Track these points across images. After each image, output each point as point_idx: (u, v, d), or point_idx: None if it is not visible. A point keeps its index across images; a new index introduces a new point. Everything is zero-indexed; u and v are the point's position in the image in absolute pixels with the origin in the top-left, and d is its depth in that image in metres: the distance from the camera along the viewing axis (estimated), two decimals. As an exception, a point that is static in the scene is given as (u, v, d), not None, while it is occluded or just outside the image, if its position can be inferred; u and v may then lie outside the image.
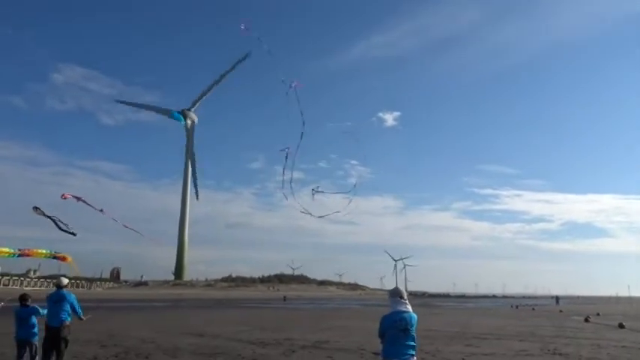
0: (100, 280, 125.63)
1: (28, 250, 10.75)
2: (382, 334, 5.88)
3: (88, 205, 11.38)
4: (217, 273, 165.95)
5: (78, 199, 10.59)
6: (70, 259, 12.18)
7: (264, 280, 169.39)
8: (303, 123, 12.23)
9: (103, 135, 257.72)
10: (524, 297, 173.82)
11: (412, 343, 5.77)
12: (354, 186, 13.05)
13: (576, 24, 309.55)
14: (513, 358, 12.74)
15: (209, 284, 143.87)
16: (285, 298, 79.67)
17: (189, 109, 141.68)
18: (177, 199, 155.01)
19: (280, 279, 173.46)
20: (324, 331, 19.77)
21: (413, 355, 5.74)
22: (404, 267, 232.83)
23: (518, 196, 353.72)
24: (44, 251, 11.16)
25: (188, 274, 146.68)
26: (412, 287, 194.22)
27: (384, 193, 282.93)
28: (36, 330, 9.08)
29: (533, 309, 52.91)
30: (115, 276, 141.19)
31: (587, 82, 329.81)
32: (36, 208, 10.97)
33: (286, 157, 11.61)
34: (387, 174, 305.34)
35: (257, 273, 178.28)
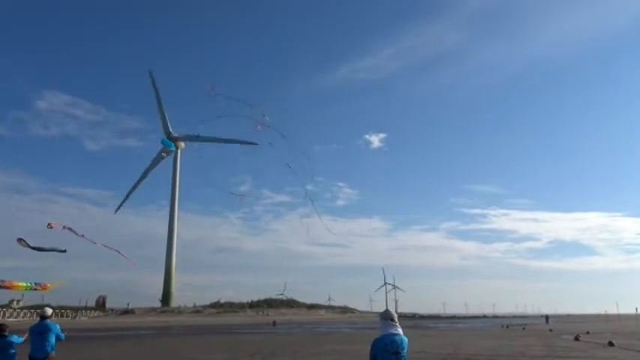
0: (86, 308, 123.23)
1: (9, 282, 10.66)
2: (374, 358, 5.86)
3: (74, 232, 11.32)
4: (205, 299, 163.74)
5: (64, 227, 10.57)
6: (50, 285, 12.03)
7: (253, 305, 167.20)
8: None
9: (87, 161, 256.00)
10: (514, 316, 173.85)
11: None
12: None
13: (560, 42, 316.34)
14: (504, 380, 12.68)
15: (197, 310, 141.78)
16: (274, 323, 78.62)
17: (169, 132, 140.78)
18: (163, 225, 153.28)
19: (269, 304, 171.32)
20: (314, 356, 19.54)
21: (406, 380, 5.72)
22: (393, 288, 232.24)
23: (505, 215, 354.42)
24: (24, 284, 11.05)
25: (176, 301, 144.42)
26: (403, 309, 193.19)
27: (373, 214, 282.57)
28: None
29: (524, 328, 52.84)
30: (101, 304, 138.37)
31: (571, 101, 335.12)
32: (20, 240, 10.88)
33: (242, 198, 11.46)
34: (375, 196, 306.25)
35: (246, 298, 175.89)
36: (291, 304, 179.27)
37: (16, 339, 8.94)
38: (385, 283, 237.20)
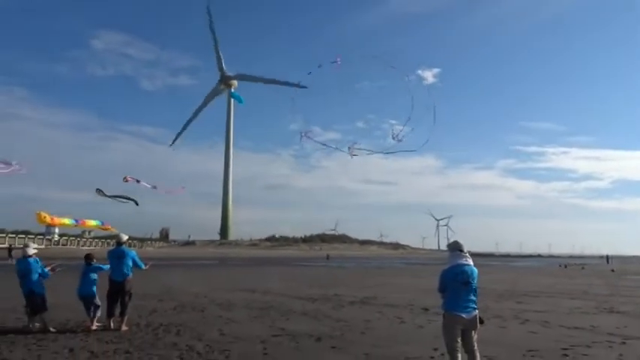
0: (151, 239, 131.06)
1: (83, 221, 11.84)
2: (443, 288, 5.79)
3: (145, 184, 12.23)
4: (261, 233, 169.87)
5: (138, 181, 11.42)
6: (112, 228, 13.51)
7: (306, 240, 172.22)
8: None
9: (143, 99, 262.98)
10: (571, 257, 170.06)
11: (474, 297, 5.67)
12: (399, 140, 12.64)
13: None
14: (568, 316, 12.45)
15: (254, 244, 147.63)
16: (328, 257, 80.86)
17: (222, 70, 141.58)
18: (217, 161, 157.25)
19: (322, 239, 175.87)
20: (370, 288, 19.96)
21: (475, 309, 5.65)
22: (446, 226, 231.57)
23: (565, 153, 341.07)
24: (94, 223, 12.34)
25: (233, 234, 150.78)
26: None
27: (424, 152, 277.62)
28: (95, 287, 9.49)
29: (583, 268, 51.70)
30: (164, 236, 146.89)
31: (636, 32, 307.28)
32: (99, 191, 11.82)
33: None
34: (427, 133, 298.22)
35: (299, 233, 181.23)
36: (343, 239, 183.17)
37: (101, 267, 9.64)
38: (437, 220, 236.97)
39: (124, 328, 9.15)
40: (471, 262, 5.83)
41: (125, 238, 9.81)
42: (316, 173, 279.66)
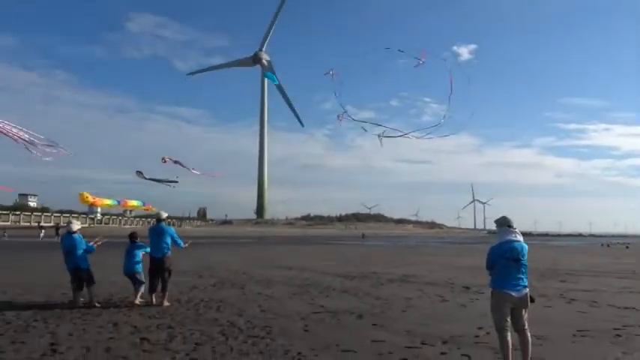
0: (189, 218, 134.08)
1: (124, 201, 12.26)
2: (491, 265, 5.52)
3: (183, 166, 12.45)
4: (296, 212, 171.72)
5: (175, 161, 11.61)
6: (152, 208, 13.86)
7: (341, 219, 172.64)
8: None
9: (178, 80, 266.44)
10: (613, 236, 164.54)
11: (524, 274, 5.38)
12: (442, 120, 12.22)
13: None
14: (616, 295, 11.93)
15: (289, 223, 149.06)
16: (363, 236, 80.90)
17: (260, 50, 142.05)
18: (251, 141, 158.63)
19: (357, 217, 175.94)
20: (408, 266, 19.72)
21: (525, 287, 5.36)
22: (483, 205, 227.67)
23: (607, 130, 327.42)
24: (135, 203, 12.77)
25: (269, 213, 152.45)
26: (491, 226, 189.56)
27: (461, 130, 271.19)
28: (140, 264, 9.66)
29: (627, 247, 49.83)
30: (202, 215, 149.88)
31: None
32: (139, 173, 12.07)
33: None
34: (463, 111, 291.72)
35: (334, 212, 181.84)
36: (378, 218, 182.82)
37: (143, 246, 9.78)
38: (474, 200, 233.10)
39: (166, 303, 9.25)
40: (520, 238, 5.52)
41: (165, 215, 9.87)
42: (351, 152, 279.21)
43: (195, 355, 5.78)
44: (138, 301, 9.50)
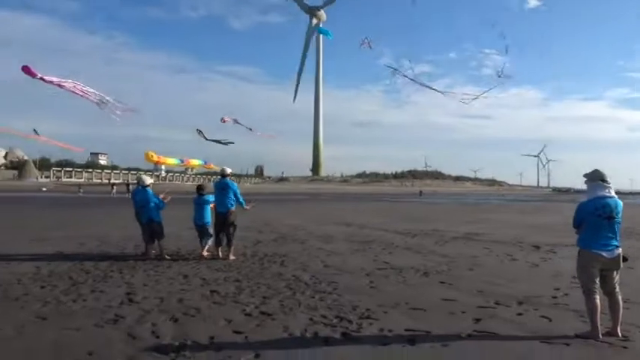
0: (247, 175, 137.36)
1: (187, 160, 12.67)
2: (579, 223, 5.10)
3: (242, 125, 12.57)
4: (351, 170, 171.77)
5: (235, 121, 11.71)
6: (214, 166, 14.32)
7: (397, 176, 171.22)
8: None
9: (234, 39, 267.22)
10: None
11: (616, 233, 4.94)
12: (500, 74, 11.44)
13: None
14: None
15: (345, 180, 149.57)
16: (420, 193, 79.84)
17: (318, 8, 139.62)
18: (306, 98, 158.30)
19: (414, 175, 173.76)
20: (470, 224, 19.20)
21: (617, 247, 4.93)
22: (547, 162, 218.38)
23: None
24: (198, 162, 13.17)
25: (324, 171, 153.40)
26: (555, 183, 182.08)
27: (524, 83, 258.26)
28: (210, 216, 9.85)
29: None
30: (259, 172, 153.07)
31: None
32: (199, 131, 12.27)
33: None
34: (528, 62, 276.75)
35: (389, 169, 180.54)
36: (435, 175, 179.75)
37: (211, 197, 9.94)
38: (537, 156, 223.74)
39: (232, 257, 9.42)
40: (614, 193, 5.05)
41: (229, 171, 9.94)
42: (407, 109, 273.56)
43: (265, 309, 5.81)
44: (205, 254, 9.74)
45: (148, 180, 9.95)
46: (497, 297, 6.60)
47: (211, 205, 9.89)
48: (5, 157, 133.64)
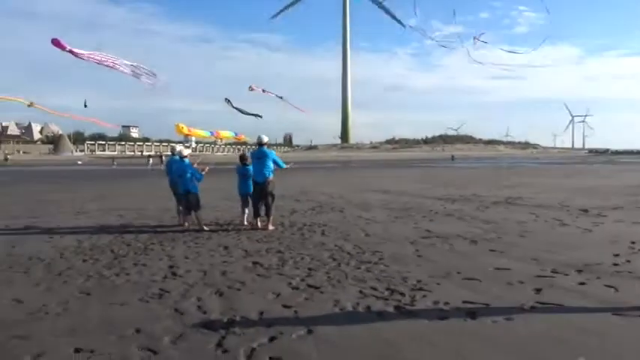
0: (275, 144, 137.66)
1: (217, 132, 12.77)
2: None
3: (270, 94, 12.42)
4: (380, 136, 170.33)
5: (263, 90, 11.72)
6: (244, 138, 15.59)
7: (427, 141, 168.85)
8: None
9: (259, 6, 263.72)
10: None
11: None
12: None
13: None
14: None
15: (374, 146, 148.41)
16: (452, 158, 78.51)
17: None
18: (333, 65, 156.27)
19: (444, 139, 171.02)
20: (509, 188, 18.58)
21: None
22: (583, 122, 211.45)
23: None
24: (228, 134, 13.22)
25: (353, 138, 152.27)
26: (592, 144, 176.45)
27: (558, 40, 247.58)
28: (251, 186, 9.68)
29: None
30: (288, 141, 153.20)
31: None
32: (227, 100, 12.12)
33: None
34: (563, 18, 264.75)
35: (419, 134, 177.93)
36: (466, 139, 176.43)
37: (252, 168, 9.75)
38: (573, 116, 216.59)
39: (271, 227, 9.26)
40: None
41: (266, 139, 9.61)
42: (436, 72, 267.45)
43: (311, 281, 5.60)
44: (245, 223, 9.62)
45: (186, 151, 9.81)
46: (553, 265, 6.23)
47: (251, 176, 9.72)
48: (41, 132, 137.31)
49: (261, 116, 13.48)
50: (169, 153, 11.29)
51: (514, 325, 4.20)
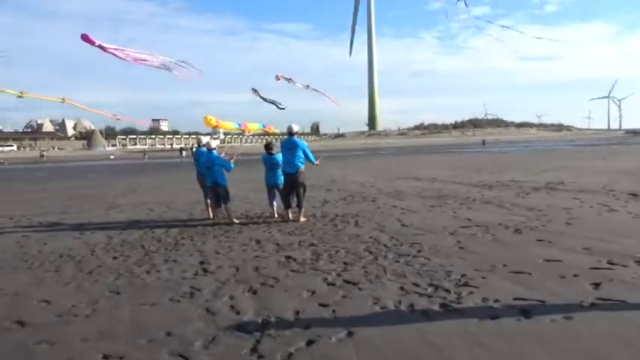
0: (303, 134, 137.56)
1: (245, 124, 12.64)
2: None
3: (297, 84, 12.28)
4: (408, 122, 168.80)
5: (289, 79, 11.57)
6: (273, 129, 15.08)
7: (457, 126, 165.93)
8: None
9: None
10: None
11: None
12: None
13: None
14: None
15: (402, 133, 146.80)
16: (484, 142, 76.75)
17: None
18: (358, 51, 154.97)
19: (474, 124, 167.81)
20: (548, 172, 17.83)
21: None
22: (619, 102, 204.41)
23: None
24: (256, 126, 13.76)
25: (381, 125, 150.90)
26: (629, 124, 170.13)
27: (592, 18, 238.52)
28: (281, 177, 9.41)
29: None
30: (315, 130, 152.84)
31: None
32: (254, 90, 12.01)
33: None
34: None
35: (448, 119, 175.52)
36: (497, 123, 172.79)
37: (279, 157, 9.48)
38: (608, 96, 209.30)
39: (302, 219, 9.00)
40: None
41: (296, 128, 9.29)
42: (464, 54, 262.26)
43: (348, 277, 5.30)
44: (276, 215, 9.39)
45: (214, 143, 9.63)
46: (608, 256, 5.76)
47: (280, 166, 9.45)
48: (74, 127, 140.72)
49: (284, 107, 13.34)
50: (196, 144, 11.14)
51: (575, 325, 3.82)
